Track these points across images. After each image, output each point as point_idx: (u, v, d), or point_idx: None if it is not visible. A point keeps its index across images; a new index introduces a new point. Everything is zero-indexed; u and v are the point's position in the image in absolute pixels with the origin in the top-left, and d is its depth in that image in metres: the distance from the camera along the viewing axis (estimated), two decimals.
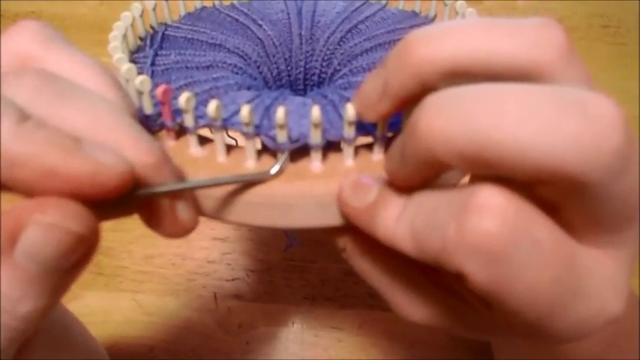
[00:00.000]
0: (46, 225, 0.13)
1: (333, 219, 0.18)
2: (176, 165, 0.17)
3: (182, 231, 0.17)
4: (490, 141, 0.12)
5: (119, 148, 0.15)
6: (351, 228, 0.18)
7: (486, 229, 0.13)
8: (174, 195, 0.17)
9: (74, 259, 0.14)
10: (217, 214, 0.19)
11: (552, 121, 0.12)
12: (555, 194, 0.14)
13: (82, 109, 0.15)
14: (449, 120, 0.13)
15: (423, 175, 0.15)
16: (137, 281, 0.47)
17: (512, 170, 0.13)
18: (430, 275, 0.19)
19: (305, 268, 0.47)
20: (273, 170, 0.18)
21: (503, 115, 0.12)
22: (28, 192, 0.13)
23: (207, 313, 0.45)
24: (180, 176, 0.18)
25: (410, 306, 0.19)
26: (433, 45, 0.15)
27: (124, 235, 0.49)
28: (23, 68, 0.16)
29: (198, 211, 0.19)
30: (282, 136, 0.18)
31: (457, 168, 0.14)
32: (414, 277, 0.19)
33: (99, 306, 0.46)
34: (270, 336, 0.44)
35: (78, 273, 0.15)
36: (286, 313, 0.45)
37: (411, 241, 0.15)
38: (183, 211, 0.17)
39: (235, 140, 0.21)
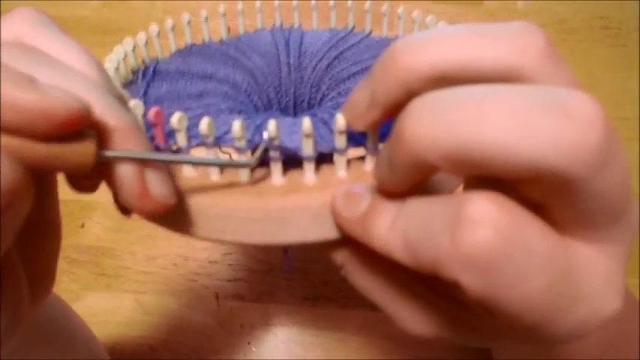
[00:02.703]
0: None
1: (329, 232, 0.18)
2: (147, 140, 0.17)
3: (153, 206, 0.16)
4: (473, 144, 0.13)
5: (92, 111, 0.15)
6: (348, 242, 0.18)
7: (479, 241, 0.13)
8: (144, 164, 0.16)
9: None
10: (211, 234, 0.19)
11: (533, 122, 0.12)
12: (542, 193, 0.14)
13: (56, 72, 0.15)
14: (433, 125, 0.13)
15: (411, 180, 0.15)
16: (139, 282, 0.47)
17: (497, 171, 0.13)
18: (431, 284, 0.18)
19: (306, 269, 0.47)
20: (252, 160, 0.18)
21: (485, 118, 0.13)
22: None
23: (208, 314, 0.45)
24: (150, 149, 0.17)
25: (413, 319, 0.18)
26: (417, 53, 0.15)
27: (125, 236, 0.50)
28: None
29: (191, 232, 0.19)
30: (274, 146, 0.18)
31: (444, 170, 0.14)
32: (415, 289, 0.18)
33: (101, 306, 0.46)
34: (271, 336, 0.44)
35: (10, 223, 0.15)
36: (288, 313, 0.45)
37: (405, 251, 0.15)
38: (154, 183, 0.16)
39: (229, 155, 0.21)
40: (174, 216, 0.19)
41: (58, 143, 0.14)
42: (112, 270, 0.48)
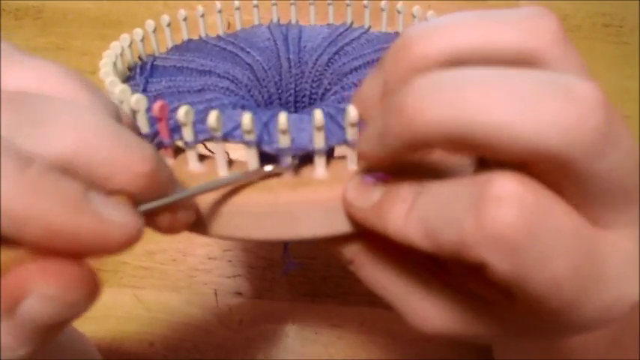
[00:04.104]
0: (45, 296, 0.13)
1: (340, 226, 0.18)
2: (170, 173, 0.17)
3: (180, 229, 0.17)
4: (477, 123, 0.13)
5: (112, 163, 0.14)
6: (359, 236, 0.18)
7: (506, 220, 0.13)
8: (175, 204, 0.16)
9: (66, 321, 0.14)
10: (222, 231, 0.19)
11: (536, 104, 0.13)
12: (550, 177, 0.14)
13: (64, 129, 0.14)
14: (435, 103, 0.13)
15: (401, 156, 0.15)
16: (138, 277, 0.47)
17: (500, 151, 0.13)
18: (444, 278, 0.18)
19: (306, 265, 0.47)
20: (268, 167, 0.18)
21: (490, 98, 0.13)
22: (32, 247, 0.13)
23: (208, 310, 0.45)
24: (174, 179, 0.17)
25: (426, 313, 0.18)
26: (429, 40, 0.15)
27: None
28: None
29: (202, 230, 0.19)
30: (285, 142, 0.18)
31: (443, 150, 0.14)
32: (429, 282, 0.18)
33: (100, 301, 0.45)
34: (270, 333, 0.44)
35: (72, 321, 0.14)
36: (287, 310, 0.45)
37: (425, 237, 0.15)
38: (182, 214, 0.17)
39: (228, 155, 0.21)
40: None
41: None
42: (110, 265, 0.48)
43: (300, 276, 0.46)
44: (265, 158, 0.19)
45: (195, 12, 0.32)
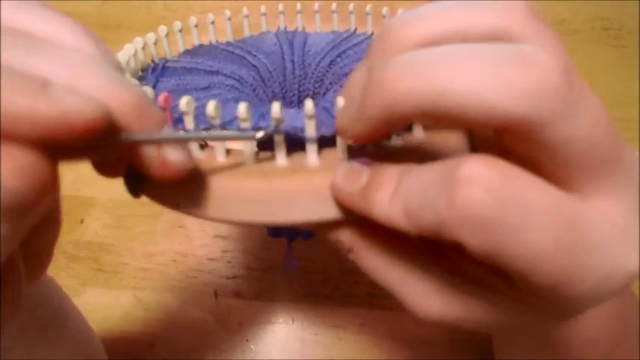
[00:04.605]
0: None
1: (333, 212, 0.19)
2: (159, 113, 0.17)
3: (173, 172, 0.17)
4: (446, 94, 0.14)
5: (94, 91, 0.15)
6: (356, 222, 0.18)
7: (473, 199, 0.14)
8: (160, 143, 0.17)
9: (27, 203, 0.14)
10: (217, 214, 0.19)
11: (497, 71, 0.13)
12: (524, 148, 0.15)
13: (53, 57, 0.15)
14: (412, 77, 0.14)
15: (379, 131, 0.16)
16: (138, 278, 0.47)
17: (468, 120, 0.14)
18: (442, 263, 0.19)
19: (306, 266, 0.47)
20: (258, 133, 0.19)
21: (456, 70, 0.14)
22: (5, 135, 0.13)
23: (207, 311, 0.45)
24: (164, 124, 0.17)
25: (425, 299, 0.18)
26: (410, 26, 0.16)
27: (125, 233, 0.49)
28: None
29: (199, 213, 0.19)
30: (278, 128, 0.19)
31: (419, 122, 0.15)
32: (426, 267, 0.18)
33: (99, 302, 0.46)
34: (270, 334, 0.44)
35: (36, 217, 0.15)
36: (287, 311, 0.45)
37: (407, 219, 0.15)
38: (171, 153, 0.17)
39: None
40: (182, 197, 0.19)
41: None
42: (110, 266, 0.48)
43: (300, 277, 0.46)
44: (264, 147, 0.20)
45: (205, 18, 0.33)
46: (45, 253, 0.22)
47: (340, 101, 0.18)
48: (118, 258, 0.48)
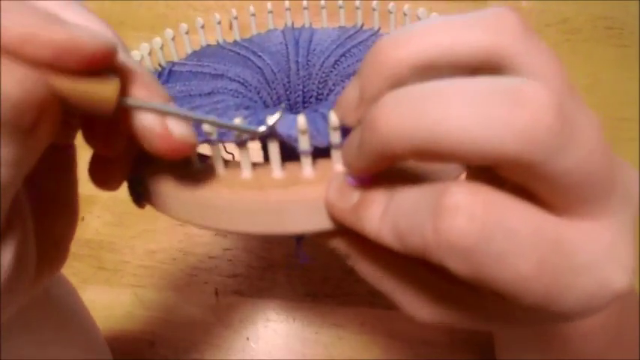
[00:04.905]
0: None
1: (327, 223, 0.19)
2: (165, 92, 0.18)
3: (177, 145, 0.17)
4: (437, 134, 0.14)
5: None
6: (347, 231, 0.19)
7: (457, 228, 0.14)
8: (164, 115, 0.17)
9: (26, 121, 0.15)
10: (215, 224, 0.20)
11: (489, 111, 0.13)
12: (517, 177, 0.15)
13: (79, 15, 0.17)
14: (403, 117, 0.14)
15: (378, 167, 0.16)
16: (138, 276, 0.47)
17: (462, 159, 0.14)
18: (437, 270, 0.19)
19: (306, 265, 0.47)
20: (261, 128, 0.19)
21: (447, 109, 0.14)
22: (13, 54, 0.14)
23: (208, 309, 0.45)
24: (168, 101, 0.18)
25: (419, 305, 0.19)
26: (400, 46, 0.16)
27: (125, 231, 0.49)
28: None
29: (198, 223, 0.20)
30: (273, 139, 0.19)
31: (412, 160, 0.15)
32: (421, 274, 0.19)
33: (100, 300, 0.46)
34: (270, 333, 0.44)
35: (41, 135, 0.15)
36: (287, 309, 0.45)
37: (395, 239, 0.16)
38: (174, 125, 0.17)
39: (232, 155, 0.22)
40: (182, 207, 0.20)
41: (85, 80, 0.15)
42: (111, 264, 0.48)
43: (300, 276, 0.46)
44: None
45: (211, 17, 0.33)
46: (62, 244, 0.22)
47: (332, 116, 0.18)
48: (118, 256, 0.48)
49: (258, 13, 0.35)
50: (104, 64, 0.15)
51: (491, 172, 0.15)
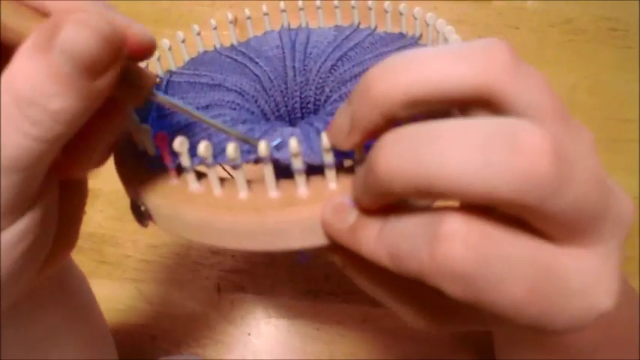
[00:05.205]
0: (80, 22, 0.14)
1: (323, 239, 0.20)
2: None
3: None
4: (436, 178, 0.14)
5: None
6: (342, 247, 0.19)
7: (453, 256, 0.14)
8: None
9: (102, 62, 0.15)
10: (217, 242, 0.21)
11: (486, 156, 0.14)
12: (513, 212, 0.15)
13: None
14: (402, 160, 0.15)
15: (384, 202, 0.17)
16: (140, 270, 0.47)
17: (460, 199, 0.15)
18: (430, 288, 0.19)
19: (308, 262, 0.47)
20: (262, 143, 0.20)
21: (445, 154, 0.14)
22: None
23: (209, 304, 0.45)
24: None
25: (416, 315, 0.19)
26: (389, 80, 0.16)
27: (128, 225, 0.50)
28: None
29: (200, 241, 0.21)
30: (267, 163, 0.20)
31: (414, 198, 0.16)
32: (413, 287, 0.19)
33: (102, 294, 0.45)
34: (272, 329, 0.44)
35: (105, 83, 0.16)
36: (289, 306, 0.45)
37: (391, 261, 0.16)
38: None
39: (230, 173, 0.23)
40: (183, 228, 0.21)
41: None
42: (113, 258, 0.48)
43: (302, 273, 0.46)
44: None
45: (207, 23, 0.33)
46: (74, 223, 0.23)
47: (324, 138, 0.19)
48: (120, 250, 0.48)
49: (258, 13, 0.34)
50: (146, 57, 0.18)
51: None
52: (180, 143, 0.20)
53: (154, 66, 0.29)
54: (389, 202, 0.17)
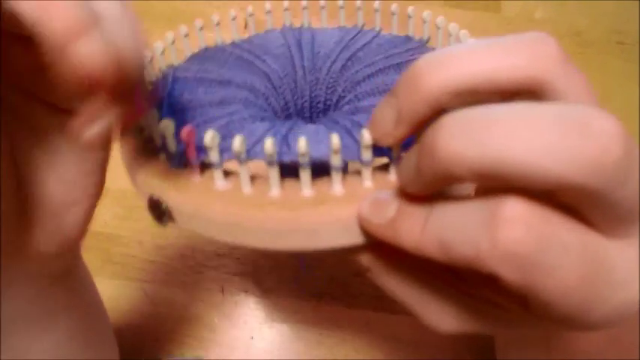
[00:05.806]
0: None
1: (356, 238, 0.19)
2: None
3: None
4: (502, 161, 0.14)
5: None
6: (374, 246, 0.19)
7: (517, 239, 0.14)
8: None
9: None
10: (243, 242, 0.20)
11: (558, 140, 0.13)
12: (571, 200, 0.15)
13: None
14: (464, 142, 0.14)
15: (436, 188, 0.16)
16: (145, 271, 0.47)
17: (525, 184, 0.14)
18: (458, 286, 0.19)
19: (313, 266, 0.47)
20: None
21: (513, 137, 0.14)
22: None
23: (213, 306, 0.45)
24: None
25: (440, 317, 0.19)
26: (440, 70, 0.16)
27: (134, 224, 0.50)
28: None
29: (226, 240, 0.20)
30: (304, 160, 0.19)
31: (473, 182, 0.15)
32: (442, 289, 0.19)
33: (106, 293, 0.45)
34: (275, 333, 0.44)
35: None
36: (292, 310, 0.45)
37: (440, 250, 0.16)
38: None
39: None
40: (209, 226, 0.20)
41: None
42: (119, 257, 0.48)
43: (306, 277, 0.46)
44: (285, 168, 0.20)
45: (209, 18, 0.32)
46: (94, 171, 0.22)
47: (366, 135, 0.19)
48: (126, 250, 0.48)
49: (260, 12, 0.34)
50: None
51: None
52: (211, 137, 0.19)
53: (157, 60, 0.28)
54: (440, 189, 0.17)
